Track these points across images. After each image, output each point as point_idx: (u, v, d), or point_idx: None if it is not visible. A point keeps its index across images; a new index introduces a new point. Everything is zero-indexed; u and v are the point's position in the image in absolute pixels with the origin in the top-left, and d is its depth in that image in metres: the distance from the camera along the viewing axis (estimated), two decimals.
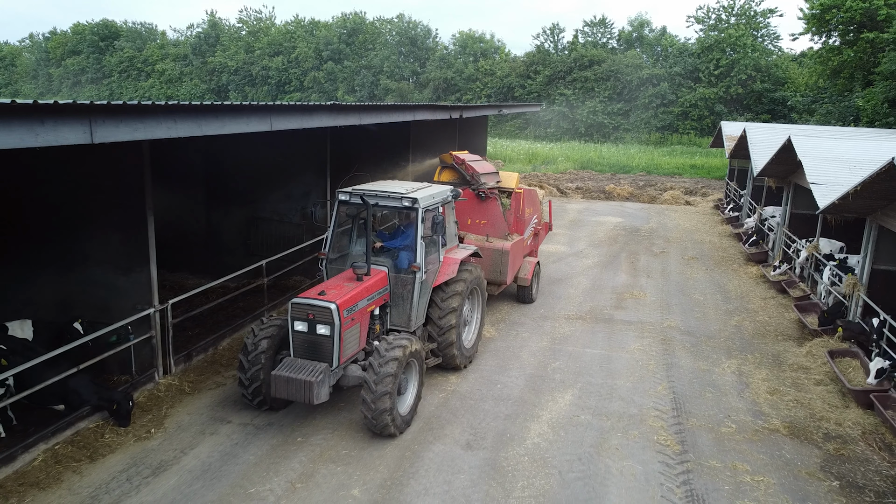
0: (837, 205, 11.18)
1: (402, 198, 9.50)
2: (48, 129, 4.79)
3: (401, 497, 7.41)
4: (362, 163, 15.14)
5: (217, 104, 6.71)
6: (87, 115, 5.14)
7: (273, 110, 7.99)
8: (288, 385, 8.17)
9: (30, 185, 9.49)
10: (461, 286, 10.34)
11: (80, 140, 5.13)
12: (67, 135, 4.98)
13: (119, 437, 8.36)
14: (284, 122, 8.32)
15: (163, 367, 9.85)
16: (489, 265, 13.03)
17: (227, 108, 7.10)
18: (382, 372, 8.19)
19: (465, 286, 10.45)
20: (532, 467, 8.10)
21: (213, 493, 7.36)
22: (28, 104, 4.58)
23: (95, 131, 5.21)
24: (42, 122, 4.74)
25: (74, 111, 5.01)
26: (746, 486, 7.85)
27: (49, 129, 4.79)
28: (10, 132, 4.48)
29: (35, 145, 4.68)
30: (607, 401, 9.98)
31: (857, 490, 7.86)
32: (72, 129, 5.00)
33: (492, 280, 13.24)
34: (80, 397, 8.30)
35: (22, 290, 9.86)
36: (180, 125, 6.24)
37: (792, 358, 11.83)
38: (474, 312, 11.42)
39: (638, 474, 8.03)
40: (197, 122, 6.53)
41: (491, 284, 13.30)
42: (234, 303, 13.13)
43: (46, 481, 7.38)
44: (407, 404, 8.90)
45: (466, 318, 11.05)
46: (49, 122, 4.79)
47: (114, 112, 5.38)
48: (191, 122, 6.44)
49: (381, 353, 8.40)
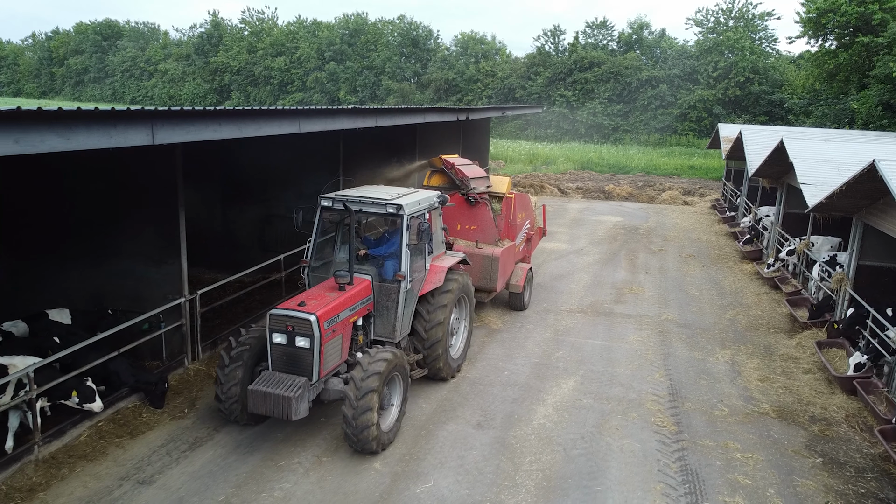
0: (825, 204, 11.85)
1: (386, 204, 9.14)
2: (119, 133, 5.42)
3: (419, 469, 8.06)
4: (372, 162, 15.78)
5: (254, 109, 7.34)
6: (150, 120, 5.77)
7: (301, 114, 8.64)
8: (265, 400, 7.80)
9: (67, 183, 10.12)
10: (448, 297, 9.95)
11: (143, 142, 5.77)
12: (134, 137, 5.62)
13: (155, 417, 9.02)
14: (311, 125, 8.96)
15: (191, 354, 10.50)
16: (479, 272, 12.71)
17: (263, 113, 7.74)
18: (364, 387, 7.84)
19: (453, 297, 10.06)
20: (539, 445, 8.75)
21: (246, 465, 8.01)
22: (105, 111, 5.21)
23: (156, 134, 5.85)
24: (115, 126, 5.38)
25: (140, 117, 5.64)
26: (737, 462, 8.51)
27: (120, 132, 5.43)
28: (90, 135, 5.11)
29: (109, 146, 5.32)
30: (608, 386, 10.64)
31: (839, 466, 8.52)
32: (137, 132, 5.64)
33: (482, 287, 12.85)
34: (120, 379, 8.94)
35: (58, 282, 10.50)
36: (224, 128, 6.88)
37: (782, 349, 12.50)
38: (462, 321, 10.96)
39: (637, 451, 8.69)
40: (238, 126, 7.17)
41: (481, 291, 12.88)
42: (250, 296, 13.77)
43: (93, 454, 8.04)
44: (391, 419, 8.55)
45: (454, 327, 10.57)
46: (121, 126, 5.43)
47: (170, 117, 6.01)
48: (232, 126, 7.07)
49: (363, 367, 8.06)
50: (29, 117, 4.62)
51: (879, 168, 9.58)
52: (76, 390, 7.85)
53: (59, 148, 4.83)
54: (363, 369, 8.05)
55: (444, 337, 9.88)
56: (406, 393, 8.87)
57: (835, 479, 8.21)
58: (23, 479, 7.38)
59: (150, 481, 7.62)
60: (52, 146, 4.78)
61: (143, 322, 9.86)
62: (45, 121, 4.72)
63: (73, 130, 4.93)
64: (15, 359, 7.66)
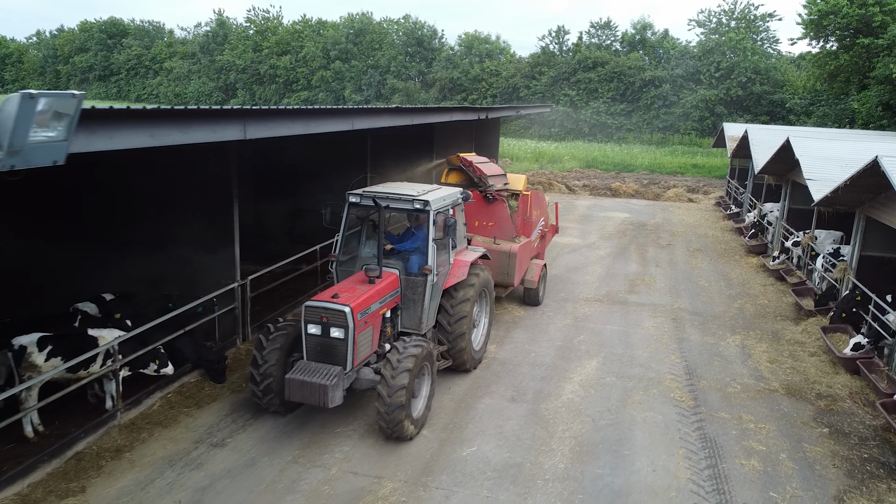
0: (829, 198, 12.66)
1: (413, 200, 9.43)
2: (221, 128, 6.21)
3: (462, 436, 8.87)
4: (394, 160, 16.57)
5: (317, 108, 8.14)
6: (243, 118, 6.56)
7: (354, 113, 9.44)
8: (302, 388, 8.11)
9: (128, 177, 10.90)
10: (471, 292, 10.28)
11: (237, 136, 6.56)
12: (230, 133, 6.41)
13: (217, 390, 9.84)
14: (363, 122, 9.77)
15: (242, 335, 11.30)
16: (496, 267, 12.99)
17: (324, 112, 8.55)
18: (395, 384, 8.16)
19: (475, 291, 10.40)
20: (569, 416, 9.57)
21: (306, 432, 8.82)
22: (209, 110, 6.00)
23: (247, 130, 6.63)
24: (218, 123, 6.17)
25: (235, 115, 6.43)
26: (750, 432, 9.32)
27: (221, 127, 6.22)
28: (200, 130, 5.89)
29: (209, 140, 6.10)
30: (628, 367, 11.46)
31: (844, 435, 9.33)
32: (233, 128, 6.43)
33: (499, 282, 13.08)
34: (184, 355, 9.75)
35: (118, 268, 11.29)
36: (296, 125, 7.68)
37: (789, 334, 13.32)
38: (482, 315, 11.32)
39: (659, 422, 9.50)
40: (305, 123, 7.95)
41: (498, 286, 13.11)
42: (284, 285, 14.56)
43: (167, 421, 8.86)
44: (420, 407, 8.91)
45: (475, 320, 10.87)
46: (222, 123, 6.22)
47: (258, 115, 6.80)
48: (301, 123, 7.86)
49: (393, 365, 8.32)
50: (158, 116, 5.41)
51: (882, 164, 10.39)
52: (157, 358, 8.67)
53: (180, 141, 5.61)
54: (393, 365, 8.31)
55: (468, 330, 10.24)
56: (434, 380, 9.22)
57: (840, 446, 9.02)
58: (110, 440, 8.19)
59: (222, 444, 8.43)
60: (175, 139, 5.56)
61: (197, 306, 10.66)
62: (170, 119, 5.51)
63: (190, 126, 5.72)
64: (104, 331, 8.46)
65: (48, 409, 8.20)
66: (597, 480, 7.98)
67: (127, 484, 7.52)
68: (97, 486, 7.43)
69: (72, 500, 7.12)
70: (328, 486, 7.64)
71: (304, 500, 7.37)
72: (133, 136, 5.05)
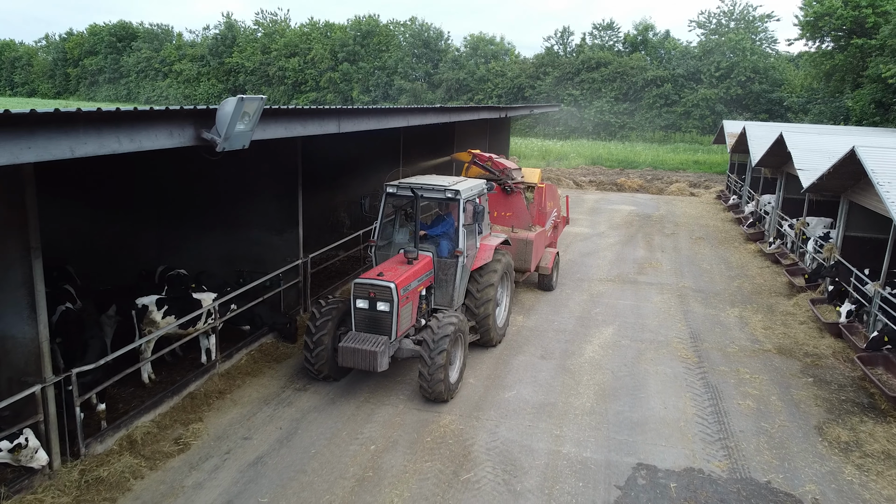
0: (817, 184, 14.30)
1: (445, 190, 10.43)
2: (318, 124, 7.83)
3: (503, 383, 10.52)
4: (419, 155, 18.18)
5: (386, 108, 9.75)
6: (337, 116, 8.17)
7: (409, 112, 11.08)
8: (354, 355, 9.10)
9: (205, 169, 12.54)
10: (496, 276, 11.28)
11: (332, 131, 8.18)
12: (327, 127, 8.03)
13: (289, 349, 11.49)
14: (418, 119, 11.40)
15: (304, 307, 12.94)
16: (515, 254, 13.84)
17: (388, 111, 10.18)
18: (436, 347, 9.15)
19: (499, 274, 11.38)
20: (591, 369, 11.21)
21: (368, 384, 10.44)
22: (316, 109, 7.62)
23: (342, 125, 8.25)
24: (323, 118, 7.79)
25: (330, 113, 8.06)
26: (747, 381, 10.96)
27: (317, 124, 7.84)
28: (313, 124, 7.48)
29: (319, 133, 7.70)
30: (640, 332, 13.10)
31: (826, 383, 10.97)
32: (329, 124, 8.04)
33: (516, 268, 13.97)
34: (262, 320, 11.40)
35: (195, 248, 12.96)
36: (371, 121, 9.29)
37: (782, 307, 14.96)
38: (504, 295, 12.30)
39: (668, 374, 11.15)
40: (377, 119, 9.59)
41: (516, 272, 14.04)
42: (328, 267, 16.21)
43: (254, 371, 10.52)
44: (456, 372, 9.87)
45: (498, 300, 11.86)
46: (325, 119, 7.83)
47: (349, 113, 8.40)
48: (374, 120, 9.49)
49: (434, 331, 9.28)
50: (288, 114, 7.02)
51: (858, 153, 12.03)
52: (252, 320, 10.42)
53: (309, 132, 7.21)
54: (434, 332, 9.30)
55: (493, 310, 11.32)
56: (466, 352, 10.24)
57: (822, 391, 10.66)
58: (213, 385, 9.85)
59: (304, 389, 10.09)
60: (299, 132, 7.18)
61: (266, 280, 12.30)
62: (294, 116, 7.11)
63: (308, 121, 7.33)
64: (204, 295, 10.12)
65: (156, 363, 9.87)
66: (619, 414, 9.63)
67: (235, 416, 9.19)
68: (211, 418, 9.10)
69: (194, 426, 8.77)
70: (398, 418, 9.30)
71: (380, 428, 9.02)
72: (275, 129, 6.67)
